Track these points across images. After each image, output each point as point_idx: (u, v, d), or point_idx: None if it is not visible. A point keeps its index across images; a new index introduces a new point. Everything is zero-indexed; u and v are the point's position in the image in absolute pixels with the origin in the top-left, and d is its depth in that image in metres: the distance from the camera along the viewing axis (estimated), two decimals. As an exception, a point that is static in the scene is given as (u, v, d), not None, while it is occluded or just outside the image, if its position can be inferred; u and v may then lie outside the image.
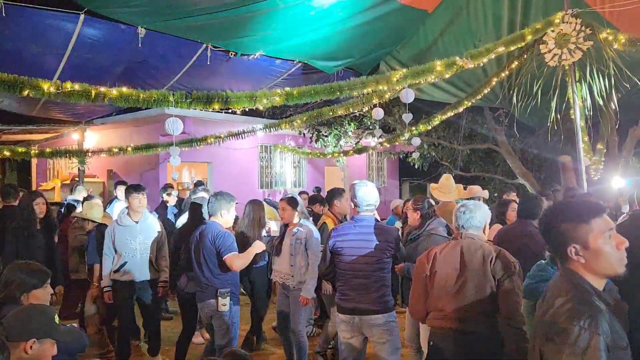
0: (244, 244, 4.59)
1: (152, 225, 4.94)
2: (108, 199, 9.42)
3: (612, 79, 5.64)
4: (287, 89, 4.72)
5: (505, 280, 2.81)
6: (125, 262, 4.70)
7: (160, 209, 7.52)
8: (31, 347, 2.12)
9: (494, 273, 2.84)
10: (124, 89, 4.12)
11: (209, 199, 4.46)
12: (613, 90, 5.91)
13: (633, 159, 10.20)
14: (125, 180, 9.86)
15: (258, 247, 4.32)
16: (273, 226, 4.99)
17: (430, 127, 8.33)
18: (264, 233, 5.05)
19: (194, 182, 9.44)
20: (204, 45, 6.84)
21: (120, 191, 7.08)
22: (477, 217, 3.03)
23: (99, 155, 8.15)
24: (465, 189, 5.85)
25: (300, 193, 8.88)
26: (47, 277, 2.76)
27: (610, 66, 5.48)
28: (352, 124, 11.00)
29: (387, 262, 3.62)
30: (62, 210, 7.19)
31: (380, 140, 9.29)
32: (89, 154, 7.56)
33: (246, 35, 6.73)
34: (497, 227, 4.82)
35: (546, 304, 1.77)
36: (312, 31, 6.82)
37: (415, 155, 10.56)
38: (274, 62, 7.71)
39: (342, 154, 10.90)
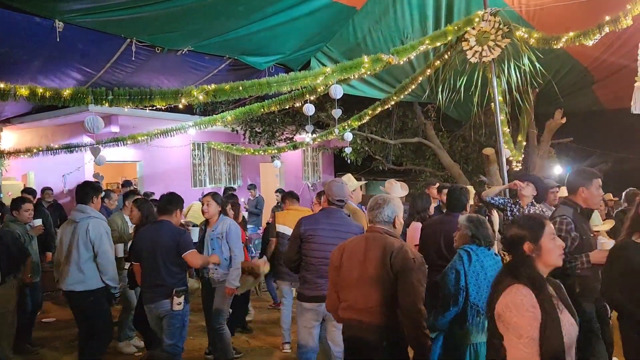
0: None
1: None
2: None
3: (528, 75, 5.97)
4: (215, 85, 4.64)
5: (404, 274, 2.86)
6: None
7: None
8: None
9: (393, 266, 2.89)
10: (39, 88, 3.89)
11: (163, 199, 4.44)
12: (529, 86, 6.24)
13: (551, 149, 10.86)
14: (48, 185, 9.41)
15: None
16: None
17: (361, 123, 8.46)
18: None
19: (122, 182, 9.12)
20: (128, 40, 6.58)
21: None
22: (386, 211, 3.09)
23: (17, 157, 7.67)
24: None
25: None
26: None
27: (527, 63, 5.80)
28: (285, 119, 10.99)
29: None
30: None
31: (313, 136, 9.35)
32: (4, 155, 7.09)
33: (173, 30, 6.55)
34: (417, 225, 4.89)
35: None
36: (241, 26, 6.74)
37: (348, 150, 10.71)
38: (203, 57, 7.55)
39: (275, 150, 10.87)
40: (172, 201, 4.33)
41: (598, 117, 10.61)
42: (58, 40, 5.91)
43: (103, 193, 5.91)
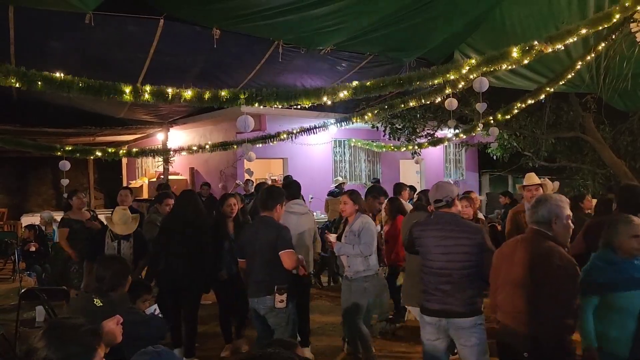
0: None
1: None
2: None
3: None
4: (355, 82, 4.68)
5: (548, 281, 2.73)
6: None
7: None
8: None
9: (535, 272, 2.78)
10: (193, 90, 4.27)
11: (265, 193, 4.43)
12: None
13: None
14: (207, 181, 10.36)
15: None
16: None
17: (508, 117, 7.93)
18: None
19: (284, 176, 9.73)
20: (276, 42, 6.94)
21: None
22: (541, 211, 2.87)
23: (180, 154, 8.53)
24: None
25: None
26: None
27: None
28: (426, 115, 10.74)
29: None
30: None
31: (455, 131, 9.00)
32: (171, 152, 7.93)
33: (318, 30, 6.73)
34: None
35: None
36: (383, 24, 6.71)
37: (494, 146, 10.13)
38: (345, 55, 7.70)
39: (416, 147, 10.68)
40: (272, 196, 4.26)
41: None
42: (215, 46, 6.46)
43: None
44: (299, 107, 5.37)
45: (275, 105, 4.68)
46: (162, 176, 12.24)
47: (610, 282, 2.98)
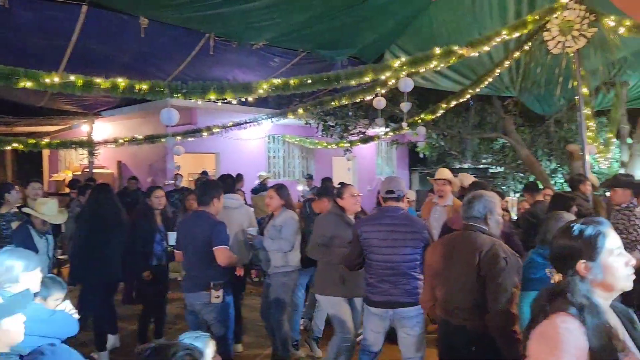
0: None
1: None
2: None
3: (617, 67, 5.54)
4: (283, 79, 4.70)
5: (493, 275, 2.74)
6: None
7: None
8: None
9: (481, 267, 2.77)
10: (119, 80, 4.14)
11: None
12: (619, 78, 5.79)
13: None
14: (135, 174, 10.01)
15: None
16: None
17: (435, 117, 8.24)
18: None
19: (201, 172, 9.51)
20: (207, 35, 6.83)
21: None
22: (477, 207, 2.94)
23: (106, 147, 8.21)
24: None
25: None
26: None
27: (614, 53, 5.38)
28: (358, 113, 10.94)
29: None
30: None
31: (384, 130, 9.22)
32: (95, 144, 7.62)
33: (251, 24, 6.68)
34: None
35: None
36: (316, 21, 6.77)
37: (421, 145, 10.48)
38: (277, 51, 7.69)
39: (347, 144, 10.86)
40: (208, 190, 4.20)
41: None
42: (143, 36, 6.26)
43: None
44: (232, 101, 5.32)
45: (202, 99, 4.61)
46: (86, 169, 11.72)
47: (545, 277, 3.05)
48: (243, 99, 4.95)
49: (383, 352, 3.86)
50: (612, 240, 1.71)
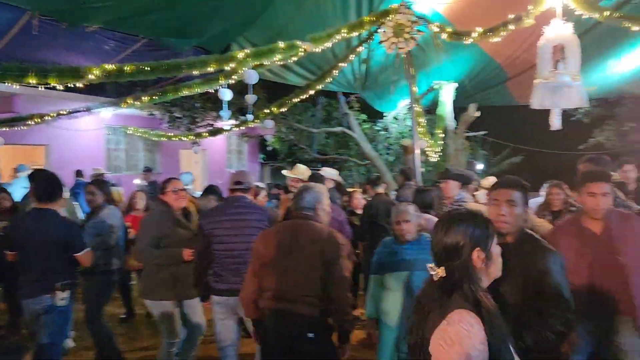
0: None
1: None
2: None
3: (443, 68, 6.11)
4: (117, 64, 4.36)
5: (335, 262, 2.86)
6: None
7: None
8: None
9: (325, 255, 2.86)
10: None
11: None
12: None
13: (466, 142, 11.27)
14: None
15: None
16: None
17: (282, 110, 8.34)
18: None
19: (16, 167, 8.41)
20: (29, 13, 6.06)
21: None
22: (307, 197, 3.05)
23: None
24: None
25: None
26: None
27: (440, 56, 5.93)
28: (206, 105, 10.66)
29: None
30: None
31: (229, 122, 9.09)
32: None
33: (81, 4, 6.08)
34: None
35: None
36: (157, 7, 6.40)
37: (269, 137, 10.59)
38: (116, 35, 7.12)
39: (195, 137, 10.53)
40: (55, 185, 3.77)
41: (511, 112, 11.16)
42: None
43: None
44: (57, 87, 4.78)
45: (19, 84, 4.07)
46: None
47: (385, 263, 3.37)
48: (72, 85, 4.47)
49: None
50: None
